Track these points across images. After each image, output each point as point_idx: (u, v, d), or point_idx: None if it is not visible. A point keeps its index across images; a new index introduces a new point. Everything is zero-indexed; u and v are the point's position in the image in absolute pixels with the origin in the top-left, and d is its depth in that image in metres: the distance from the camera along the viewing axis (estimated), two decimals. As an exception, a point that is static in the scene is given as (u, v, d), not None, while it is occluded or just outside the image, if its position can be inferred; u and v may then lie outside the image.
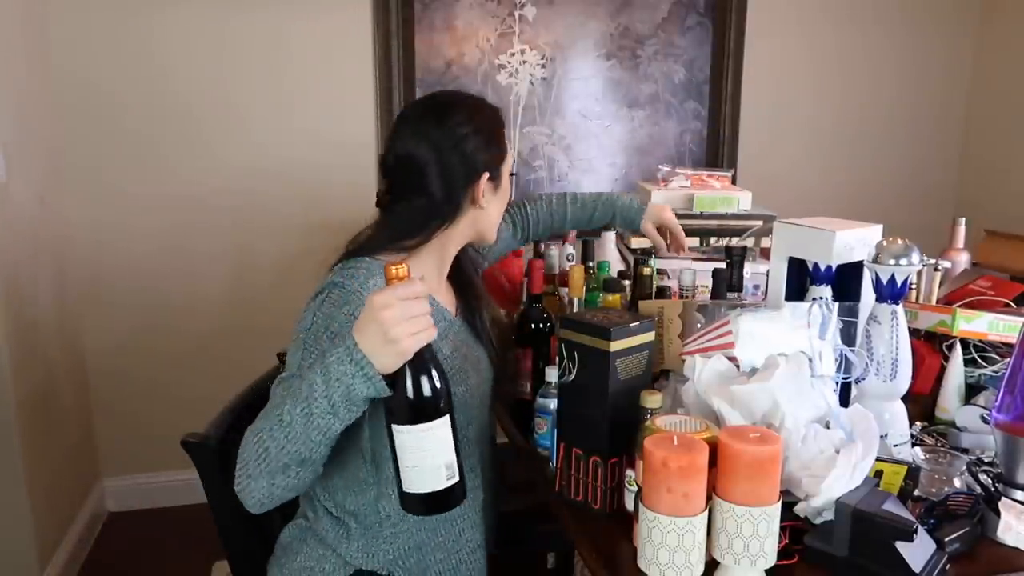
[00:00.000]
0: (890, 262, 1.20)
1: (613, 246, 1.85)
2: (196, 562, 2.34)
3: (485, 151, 1.25)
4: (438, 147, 1.22)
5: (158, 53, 2.51)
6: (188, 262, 2.64)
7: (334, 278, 1.18)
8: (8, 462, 2.03)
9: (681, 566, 0.93)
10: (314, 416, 0.99)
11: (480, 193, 1.26)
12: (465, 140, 1.23)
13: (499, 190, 1.31)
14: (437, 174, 1.22)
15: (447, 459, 0.97)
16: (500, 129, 1.31)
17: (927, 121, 3.22)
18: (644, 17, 2.84)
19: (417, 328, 0.95)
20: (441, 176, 1.22)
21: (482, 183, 1.26)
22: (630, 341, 1.14)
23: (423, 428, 0.95)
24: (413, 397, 0.95)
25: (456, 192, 1.24)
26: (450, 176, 1.22)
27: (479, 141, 1.24)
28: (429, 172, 1.22)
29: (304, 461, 1.03)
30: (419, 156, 1.22)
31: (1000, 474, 1.15)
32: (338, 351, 0.97)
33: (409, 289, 0.95)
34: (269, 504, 1.08)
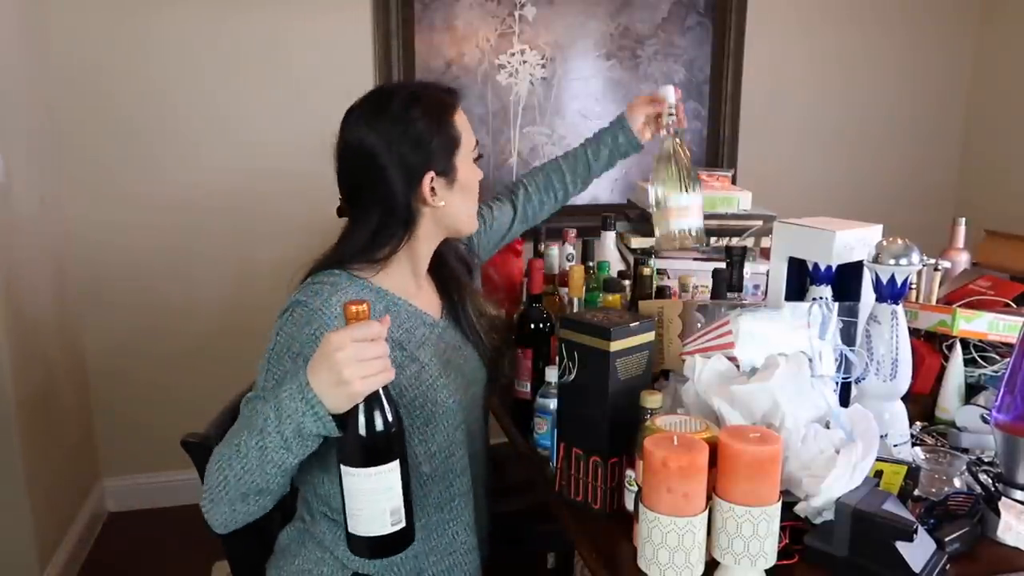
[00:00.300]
0: (890, 262, 1.20)
1: (613, 246, 1.85)
2: (196, 562, 2.34)
3: (421, 150, 1.19)
4: (373, 155, 1.18)
5: (158, 53, 2.51)
6: (188, 262, 2.64)
7: (298, 296, 1.16)
8: (8, 462, 2.03)
9: (681, 566, 0.93)
10: (268, 450, 0.99)
11: (426, 193, 1.21)
12: (399, 142, 1.18)
13: (457, 182, 1.25)
14: (380, 184, 1.19)
15: (393, 504, 0.95)
16: (446, 114, 1.23)
17: (927, 121, 3.22)
18: (644, 17, 2.84)
19: (371, 371, 0.93)
20: (384, 185, 1.19)
21: (425, 183, 1.21)
22: (630, 341, 1.14)
23: (370, 472, 0.94)
24: (363, 439, 0.94)
25: (399, 199, 1.20)
26: (394, 182, 1.19)
27: (414, 141, 1.19)
28: (374, 182, 1.19)
29: (262, 491, 1.04)
30: (359, 167, 1.20)
31: (1000, 474, 1.15)
32: (291, 387, 0.97)
33: (366, 331, 0.93)
34: (234, 526, 1.09)
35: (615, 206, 2.70)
